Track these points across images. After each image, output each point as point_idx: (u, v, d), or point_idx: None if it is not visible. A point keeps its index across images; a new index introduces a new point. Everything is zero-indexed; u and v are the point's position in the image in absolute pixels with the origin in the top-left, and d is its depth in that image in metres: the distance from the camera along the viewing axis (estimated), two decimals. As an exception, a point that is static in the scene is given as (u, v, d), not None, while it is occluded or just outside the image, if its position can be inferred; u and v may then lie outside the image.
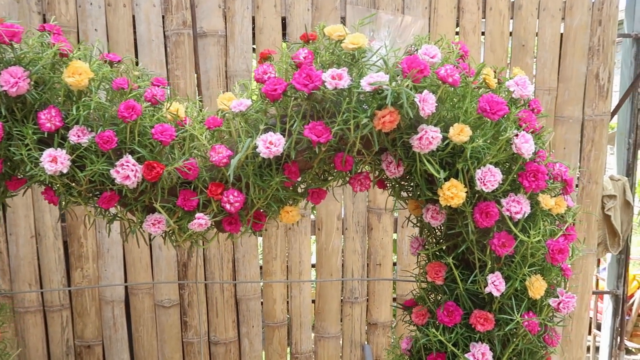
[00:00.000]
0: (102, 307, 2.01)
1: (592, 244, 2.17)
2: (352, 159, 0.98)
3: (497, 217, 0.96)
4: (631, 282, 4.29)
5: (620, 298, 2.30)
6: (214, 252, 2.01)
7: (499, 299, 1.02)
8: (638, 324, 4.18)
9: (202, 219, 0.98)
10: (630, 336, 4.11)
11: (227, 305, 2.05)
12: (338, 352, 2.14)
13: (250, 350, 2.10)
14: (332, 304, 2.10)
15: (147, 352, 2.05)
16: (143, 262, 1.99)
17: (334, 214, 2.04)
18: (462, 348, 1.07)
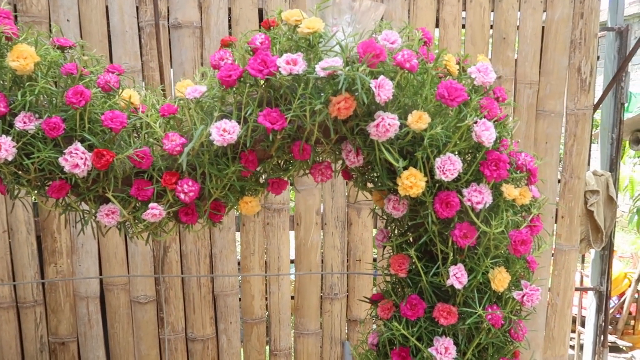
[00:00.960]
0: (76, 303, 1.98)
1: (574, 240, 2.14)
2: (310, 148, 0.95)
3: (458, 207, 0.93)
4: (622, 280, 4.29)
5: (603, 294, 2.28)
6: (190, 247, 1.98)
7: (462, 291, 0.99)
8: (629, 322, 4.17)
9: (156, 209, 0.95)
10: (622, 334, 4.11)
11: (205, 302, 2.02)
12: (318, 349, 2.12)
13: (228, 347, 2.07)
14: (311, 300, 2.07)
15: (123, 349, 2.02)
16: (118, 257, 1.96)
17: (312, 209, 2.01)
18: (426, 342, 1.04)
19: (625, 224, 8.16)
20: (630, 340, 3.97)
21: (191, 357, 2.06)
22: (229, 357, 2.07)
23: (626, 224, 8.34)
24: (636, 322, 4.11)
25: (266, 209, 1.99)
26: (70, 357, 2.01)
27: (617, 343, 3.90)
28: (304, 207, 2.01)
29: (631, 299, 3.97)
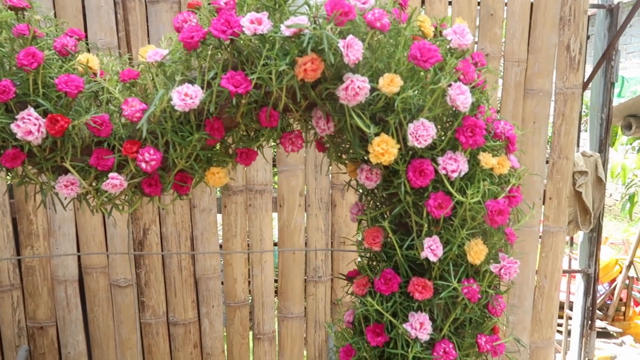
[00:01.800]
0: (54, 287, 1.94)
1: (562, 222, 2.11)
2: (277, 114, 0.90)
3: (433, 176, 0.89)
4: (613, 267, 4.28)
5: (591, 277, 2.26)
6: (170, 229, 1.93)
7: (437, 265, 0.96)
8: (620, 309, 4.18)
9: (117, 179, 0.91)
10: (612, 320, 4.11)
11: (186, 285, 1.98)
12: (302, 333, 2.09)
13: (210, 331, 2.03)
14: (295, 284, 2.04)
15: (103, 333, 1.98)
16: (97, 239, 1.92)
17: (296, 190, 1.97)
18: (401, 318, 1.00)
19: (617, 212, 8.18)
20: (620, 326, 3.98)
21: (173, 341, 2.03)
22: (211, 341, 2.04)
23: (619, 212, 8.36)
24: (627, 308, 4.12)
25: (248, 190, 1.95)
26: (49, 342, 1.97)
27: (608, 329, 3.91)
28: (287, 188, 1.97)
29: (622, 286, 3.97)
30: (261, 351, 2.08)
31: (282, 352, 2.09)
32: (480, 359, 1.03)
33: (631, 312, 4.14)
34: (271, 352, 2.09)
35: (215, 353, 2.05)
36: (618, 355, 3.59)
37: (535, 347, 2.21)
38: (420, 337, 0.97)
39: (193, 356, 2.04)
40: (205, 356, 2.06)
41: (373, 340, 1.03)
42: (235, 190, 1.93)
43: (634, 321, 4.01)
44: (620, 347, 3.73)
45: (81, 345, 1.98)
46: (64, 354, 1.98)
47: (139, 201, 1.02)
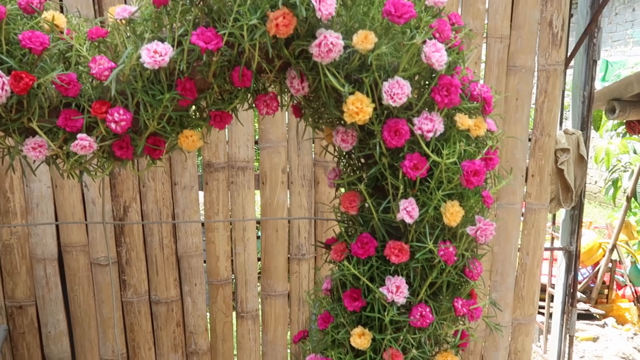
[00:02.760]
0: (33, 265, 1.91)
1: (544, 199, 2.13)
2: (250, 73, 0.89)
3: (408, 135, 0.88)
4: (596, 250, 4.33)
5: (573, 254, 2.28)
6: (151, 207, 1.91)
7: (414, 227, 0.95)
8: (603, 292, 4.24)
9: (86, 140, 0.88)
10: (596, 303, 4.17)
11: (168, 263, 1.97)
12: (286, 310, 2.08)
13: (193, 309, 2.02)
14: (278, 261, 2.03)
15: (84, 312, 1.96)
16: (76, 217, 1.89)
17: (278, 167, 1.95)
18: (378, 283, 1.00)
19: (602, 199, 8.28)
20: (603, 308, 4.04)
21: (155, 320, 2.01)
22: (194, 319, 2.03)
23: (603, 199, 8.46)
24: (610, 291, 4.18)
25: (230, 167, 1.93)
26: (29, 321, 1.94)
27: (591, 311, 3.97)
28: (269, 165, 1.95)
29: (605, 269, 4.03)
30: (245, 329, 2.07)
31: (266, 330, 2.09)
32: (457, 323, 1.03)
33: (614, 295, 4.20)
34: (255, 330, 2.08)
35: (198, 331, 2.04)
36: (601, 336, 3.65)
37: (517, 324, 2.23)
38: (397, 301, 0.96)
39: (176, 335, 2.03)
40: (188, 335, 2.05)
41: (350, 305, 1.02)
42: (216, 167, 1.91)
43: (617, 304, 4.07)
44: (602, 328, 3.79)
45: (62, 324, 1.96)
46: (44, 333, 1.96)
47: (111, 166, 1.00)
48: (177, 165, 1.90)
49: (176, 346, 2.04)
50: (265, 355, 2.11)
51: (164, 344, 2.02)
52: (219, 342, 2.07)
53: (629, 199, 4.02)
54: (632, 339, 3.60)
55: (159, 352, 2.04)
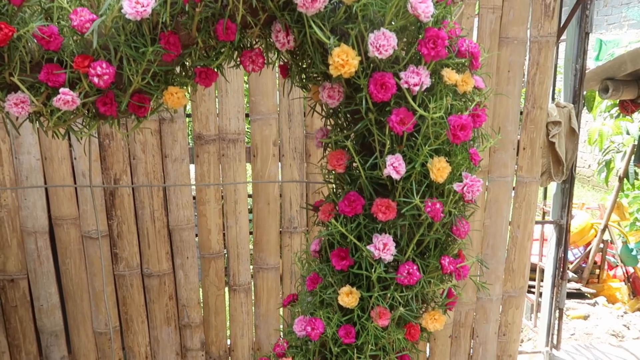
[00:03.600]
0: (24, 238, 1.90)
1: (535, 172, 2.13)
2: (234, 26, 0.87)
3: (395, 89, 0.88)
4: (588, 231, 4.36)
5: (564, 228, 2.29)
6: (142, 179, 1.90)
7: (401, 184, 0.95)
8: (594, 272, 4.28)
9: (68, 95, 0.87)
10: (587, 283, 4.21)
11: (160, 236, 1.96)
12: (278, 284, 2.09)
13: (185, 282, 2.03)
14: (270, 235, 2.03)
15: (76, 286, 1.96)
16: (66, 190, 1.88)
17: (269, 140, 1.94)
18: (365, 242, 1.00)
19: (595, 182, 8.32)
20: (594, 288, 4.08)
21: (148, 293, 2.02)
22: (186, 292, 2.04)
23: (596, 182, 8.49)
24: (601, 271, 4.22)
25: (221, 140, 1.92)
26: (21, 295, 1.94)
27: (582, 290, 4.01)
28: (260, 137, 1.94)
29: (596, 249, 4.06)
30: (237, 302, 2.08)
31: (258, 303, 2.10)
32: (445, 282, 1.04)
33: (605, 275, 4.24)
34: (247, 303, 2.09)
35: (191, 305, 2.05)
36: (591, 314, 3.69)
37: (507, 297, 2.25)
38: (384, 258, 0.97)
39: (168, 308, 2.03)
40: (181, 308, 2.05)
41: (338, 264, 1.03)
42: (207, 139, 1.90)
43: (607, 283, 4.11)
44: (593, 307, 3.83)
45: (54, 297, 1.96)
46: (37, 306, 1.96)
47: (95, 125, 0.99)
48: (167, 138, 1.89)
49: (169, 319, 2.04)
50: (258, 328, 2.12)
51: (156, 317, 2.03)
52: (211, 315, 2.08)
53: (621, 180, 4.03)
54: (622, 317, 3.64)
55: (151, 325, 2.05)
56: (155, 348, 2.07)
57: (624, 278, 4.07)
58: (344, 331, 1.04)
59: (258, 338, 2.13)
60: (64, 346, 2.02)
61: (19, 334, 1.97)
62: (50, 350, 2.01)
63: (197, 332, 2.08)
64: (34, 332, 1.99)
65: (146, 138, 1.87)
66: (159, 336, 2.05)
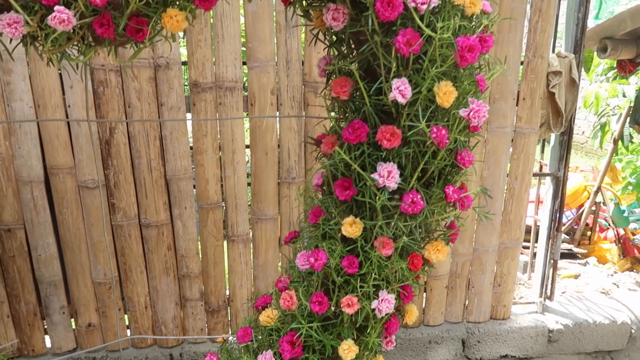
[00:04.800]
0: (19, 188, 1.88)
1: (534, 123, 2.12)
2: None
3: (401, 8, 0.85)
4: (582, 193, 4.39)
5: (560, 180, 2.30)
6: (138, 128, 1.87)
7: (406, 109, 0.94)
8: (585, 233, 4.33)
9: (64, 13, 0.84)
10: (578, 244, 4.27)
11: (157, 186, 1.95)
12: (276, 234, 2.10)
13: (184, 233, 2.03)
14: (268, 185, 2.03)
15: (73, 236, 1.95)
16: (61, 139, 1.85)
17: (267, 88, 1.91)
18: (369, 172, 0.99)
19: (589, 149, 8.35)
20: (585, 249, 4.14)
21: (146, 244, 2.02)
22: (185, 243, 2.04)
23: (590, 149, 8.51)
24: (592, 232, 4.27)
25: (218, 88, 1.88)
26: (18, 245, 1.93)
27: (574, 251, 4.06)
28: (257, 86, 1.91)
29: (589, 211, 4.10)
30: (236, 253, 2.09)
31: (257, 254, 2.11)
32: (448, 212, 1.03)
33: (596, 237, 4.30)
34: (246, 254, 2.10)
35: (189, 255, 2.05)
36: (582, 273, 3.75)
37: (504, 248, 2.28)
38: (388, 186, 0.96)
39: (167, 258, 2.04)
40: (179, 258, 2.06)
41: (341, 195, 1.02)
42: (204, 87, 1.87)
43: (598, 245, 4.17)
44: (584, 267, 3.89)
45: (52, 247, 1.96)
46: (35, 256, 1.96)
47: (92, 50, 0.96)
48: (163, 85, 1.85)
49: (168, 269, 2.05)
50: (257, 279, 2.14)
51: (155, 267, 2.04)
52: (210, 266, 2.09)
53: (616, 142, 4.04)
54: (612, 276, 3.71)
55: (150, 275, 2.05)
56: (155, 298, 2.08)
57: (615, 239, 4.13)
58: (347, 262, 1.04)
59: (257, 288, 2.15)
60: (64, 296, 2.03)
61: (17, 284, 1.97)
62: (49, 300, 2.01)
63: (196, 283, 2.10)
64: (33, 282, 2.00)
65: (141, 85, 1.83)
66: (158, 286, 2.06)
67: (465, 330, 2.31)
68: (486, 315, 2.35)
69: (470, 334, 2.31)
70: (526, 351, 2.36)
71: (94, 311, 2.06)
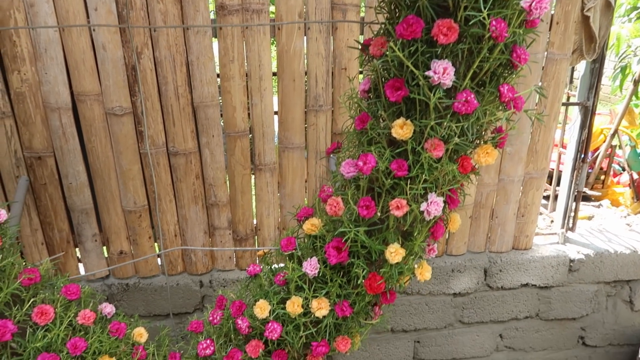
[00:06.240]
0: (47, 115, 1.87)
1: (567, 49, 2.07)
2: None
3: None
4: (598, 136, 4.35)
5: (589, 110, 2.27)
6: (164, 53, 1.84)
7: (464, 1, 0.90)
8: (599, 177, 4.32)
9: None
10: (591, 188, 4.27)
11: (184, 114, 1.94)
12: (303, 163, 2.10)
13: (211, 162, 2.03)
14: (295, 113, 2.01)
15: (103, 164, 1.96)
16: (87, 64, 1.82)
17: (294, 11, 1.86)
18: (422, 71, 0.97)
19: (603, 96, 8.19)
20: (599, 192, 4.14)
21: (174, 172, 2.03)
22: (213, 172, 2.04)
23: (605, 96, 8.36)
24: (606, 176, 4.26)
25: (244, 10, 1.83)
26: (49, 173, 1.95)
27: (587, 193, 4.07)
28: (285, 8, 1.85)
29: (604, 154, 4.07)
30: (263, 182, 2.10)
31: (284, 183, 2.12)
32: (500, 111, 1.02)
33: (609, 181, 4.29)
34: (273, 183, 2.11)
35: (217, 184, 2.07)
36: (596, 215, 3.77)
37: (529, 178, 2.28)
38: (444, 83, 0.94)
39: (195, 187, 2.05)
40: (207, 187, 2.07)
41: (392, 96, 1.01)
42: (230, 9, 1.82)
43: (612, 189, 4.17)
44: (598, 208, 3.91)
45: (82, 176, 1.97)
46: (66, 184, 1.98)
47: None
48: (188, 8, 1.80)
49: (196, 198, 2.07)
50: (283, 208, 2.16)
51: (184, 196, 2.06)
52: (238, 195, 2.10)
53: (636, 83, 3.95)
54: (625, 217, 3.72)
55: (179, 204, 2.08)
56: (184, 226, 2.11)
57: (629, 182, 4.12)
58: (396, 164, 1.04)
59: (283, 217, 2.18)
60: (95, 224, 2.06)
61: (50, 211, 2.00)
62: (82, 228, 2.05)
63: (224, 211, 2.12)
64: (65, 210, 2.03)
65: (167, 7, 1.78)
66: (187, 215, 2.09)
67: (488, 259, 2.35)
68: (508, 245, 2.38)
69: (493, 263, 2.35)
70: (547, 280, 2.41)
71: (125, 239, 2.10)
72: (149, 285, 2.15)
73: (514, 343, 2.54)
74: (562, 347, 2.58)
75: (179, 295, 2.18)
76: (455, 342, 2.49)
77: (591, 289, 2.47)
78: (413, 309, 2.38)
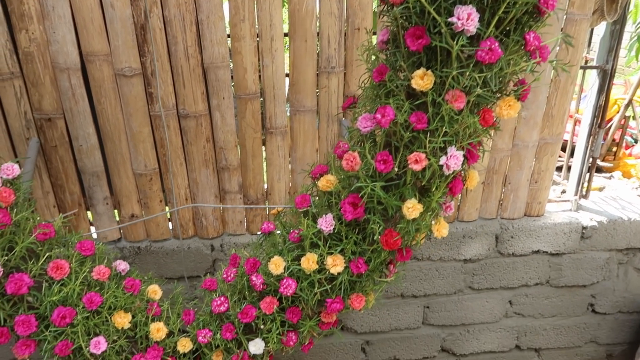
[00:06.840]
0: (56, 75, 1.85)
1: (588, 9, 2.00)
2: None
3: None
4: (611, 107, 4.27)
5: (608, 73, 2.21)
6: (174, 12, 1.80)
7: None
8: (611, 149, 4.26)
9: None
10: (603, 159, 4.22)
11: (194, 75, 1.91)
12: (314, 127, 2.07)
13: (222, 124, 2.01)
14: (307, 75, 1.97)
15: (113, 126, 1.95)
16: (95, 24, 1.79)
17: (307, -32, 1.80)
18: (445, 17, 0.94)
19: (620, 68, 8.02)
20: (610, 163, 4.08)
21: (185, 135, 2.01)
22: (223, 134, 2.02)
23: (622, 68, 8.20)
24: (618, 148, 4.19)
25: (255, -33, 1.78)
26: (59, 134, 1.94)
27: (599, 164, 4.02)
28: (297, -36, 1.80)
29: (617, 125, 4.00)
30: (274, 146, 2.08)
31: (295, 146, 2.10)
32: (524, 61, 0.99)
33: (621, 152, 4.23)
34: (284, 147, 2.09)
35: (228, 147, 2.05)
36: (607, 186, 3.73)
37: (544, 143, 2.24)
38: (467, 29, 0.91)
39: (206, 150, 2.04)
40: (218, 150, 2.06)
41: (413, 44, 0.97)
42: (241, -35, 1.77)
43: (623, 160, 4.11)
44: (609, 180, 3.86)
45: (92, 138, 1.96)
46: (76, 147, 1.97)
47: None
48: (198, -37, 1.75)
49: (207, 161, 2.06)
50: (294, 172, 2.15)
51: (194, 159, 2.04)
52: (248, 159, 2.09)
53: (653, 52, 3.84)
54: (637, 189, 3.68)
55: (190, 167, 2.07)
56: (195, 190, 2.11)
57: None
58: (415, 117, 1.02)
59: (294, 182, 2.16)
60: (106, 187, 2.06)
61: (61, 174, 2.00)
62: (93, 191, 2.05)
63: (235, 175, 2.11)
64: (76, 172, 2.02)
65: (176, -37, 1.73)
66: (198, 178, 2.08)
67: (499, 226, 2.34)
68: (520, 212, 2.36)
69: (504, 230, 2.33)
70: (558, 247, 2.39)
71: (136, 202, 2.10)
72: (160, 248, 2.16)
73: (523, 309, 2.54)
74: (572, 314, 2.59)
75: (190, 259, 2.19)
76: (464, 308, 2.50)
77: (603, 257, 2.46)
78: (423, 275, 2.38)
